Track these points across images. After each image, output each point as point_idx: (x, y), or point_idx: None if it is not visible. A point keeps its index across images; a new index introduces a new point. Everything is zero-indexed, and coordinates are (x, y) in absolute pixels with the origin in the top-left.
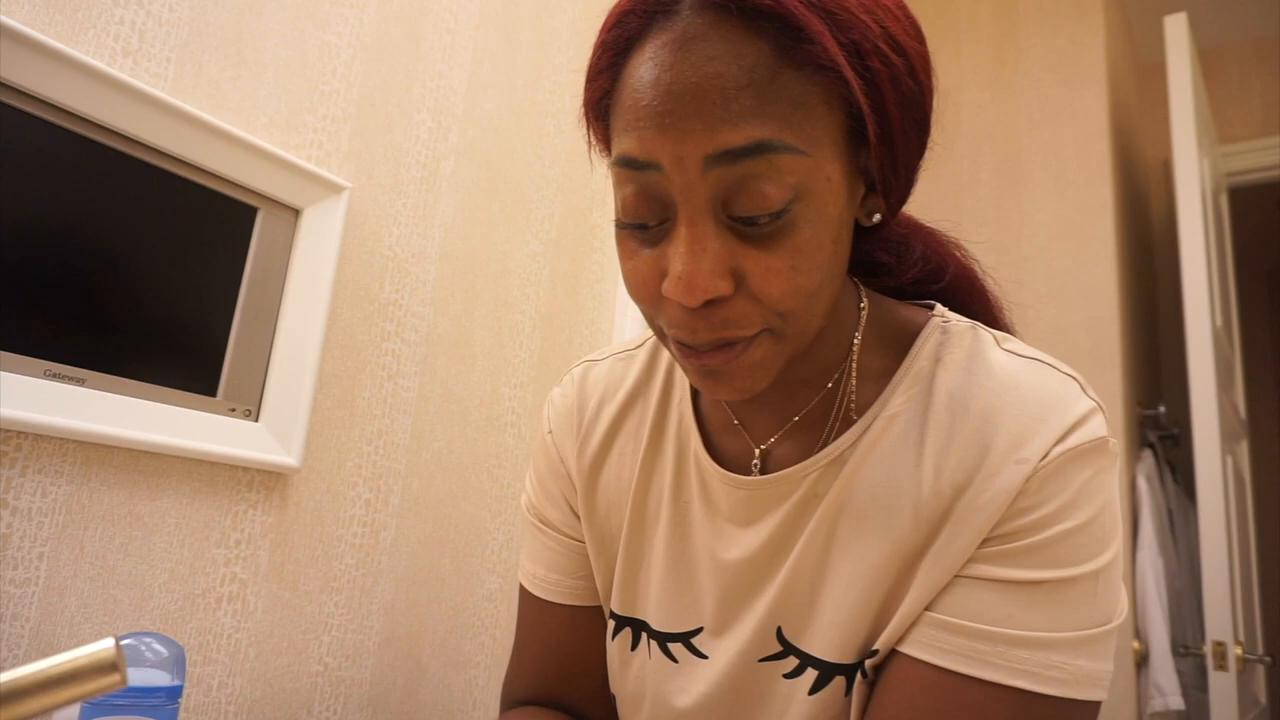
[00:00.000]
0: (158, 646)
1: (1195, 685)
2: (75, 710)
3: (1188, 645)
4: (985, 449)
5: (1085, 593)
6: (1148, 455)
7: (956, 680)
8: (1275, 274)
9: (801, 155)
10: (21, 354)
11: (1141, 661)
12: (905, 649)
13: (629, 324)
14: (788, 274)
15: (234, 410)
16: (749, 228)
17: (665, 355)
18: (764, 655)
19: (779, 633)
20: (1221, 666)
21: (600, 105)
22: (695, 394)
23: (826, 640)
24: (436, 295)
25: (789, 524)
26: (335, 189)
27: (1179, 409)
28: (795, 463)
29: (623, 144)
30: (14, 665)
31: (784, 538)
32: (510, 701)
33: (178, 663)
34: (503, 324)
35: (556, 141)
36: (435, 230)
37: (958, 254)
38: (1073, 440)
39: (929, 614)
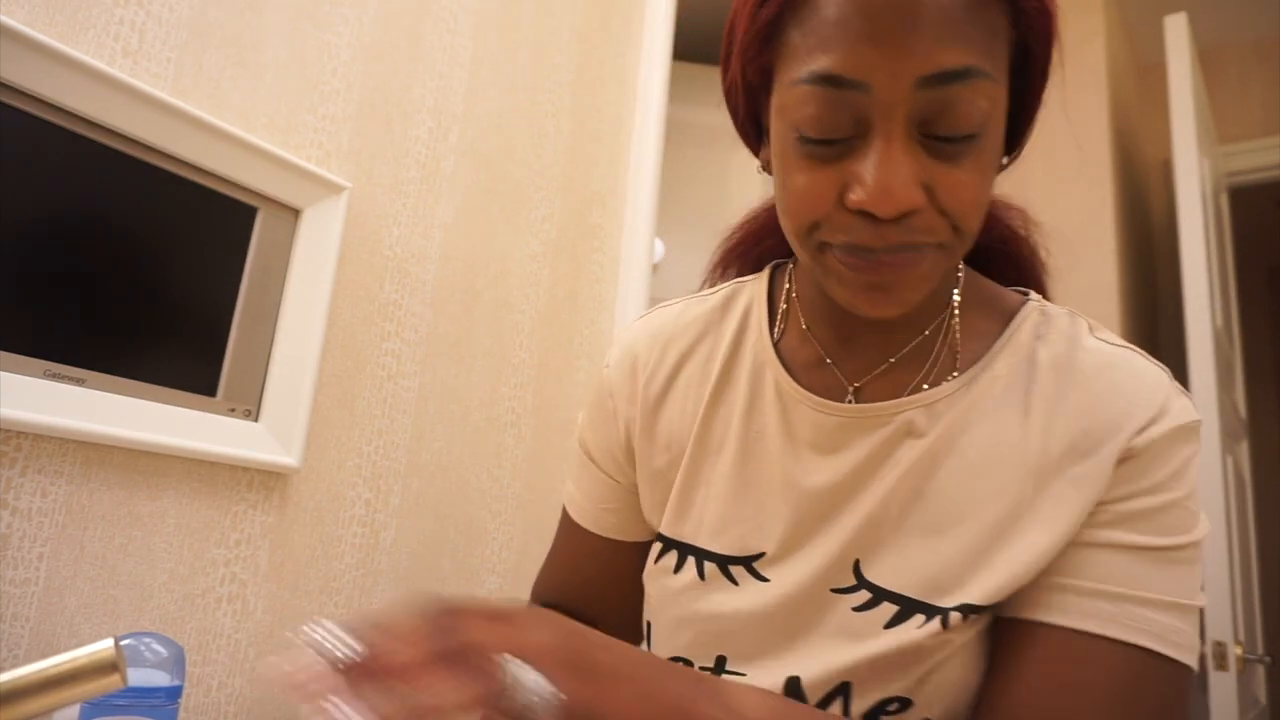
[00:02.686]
0: (158, 646)
1: (1195, 685)
2: (75, 710)
3: None
4: (1092, 417)
5: (1190, 562)
6: None
7: (1089, 641)
8: (1275, 274)
9: (996, 83)
10: (21, 354)
11: None
12: (1034, 615)
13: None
14: (973, 190)
15: (234, 410)
16: (944, 144)
17: (741, 299)
18: (836, 586)
19: (856, 566)
20: (1221, 666)
21: (774, 26)
22: (774, 330)
23: (911, 576)
24: (436, 295)
25: (879, 455)
26: (335, 189)
27: None
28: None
29: (819, 61)
30: (14, 665)
31: (872, 468)
32: (538, 601)
33: (177, 663)
34: (503, 324)
35: (556, 141)
36: (435, 230)
37: (1019, 220)
38: (1178, 418)
39: (1054, 579)
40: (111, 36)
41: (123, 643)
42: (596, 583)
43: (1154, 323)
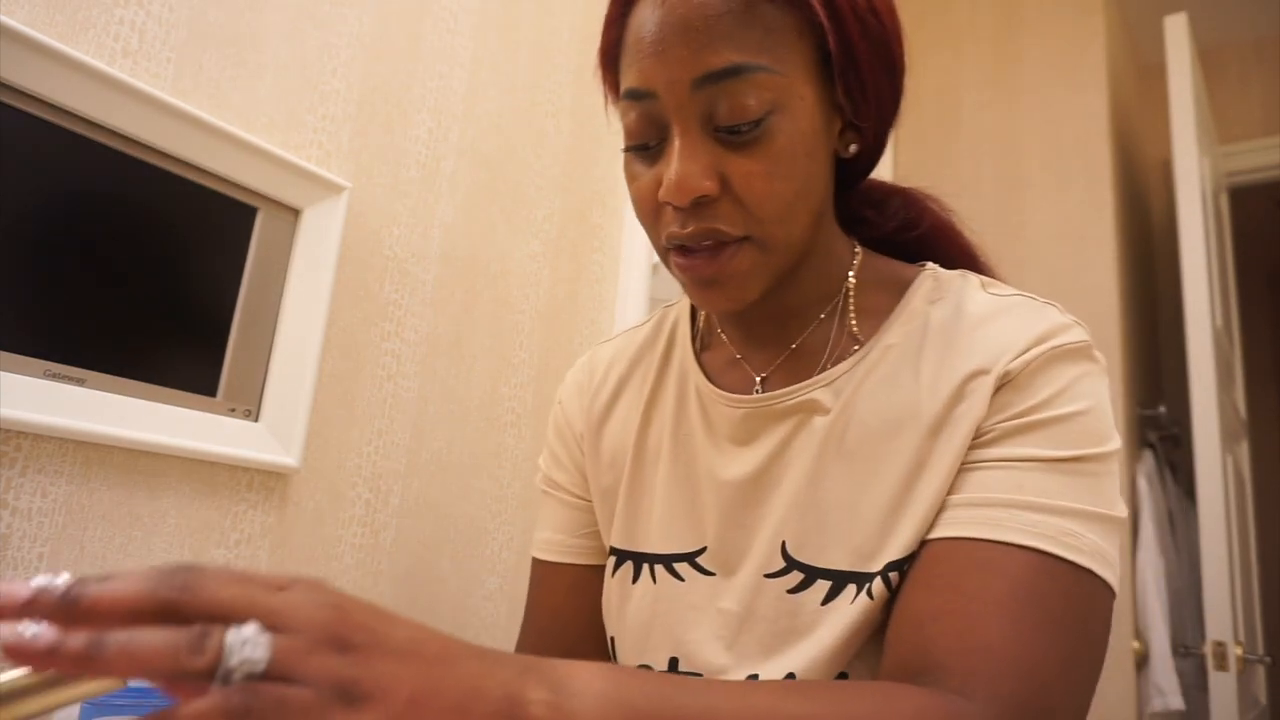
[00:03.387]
0: None
1: (1195, 685)
2: (75, 710)
3: (1188, 645)
4: (974, 356)
5: (1092, 475)
6: (1148, 456)
7: (981, 547)
8: (1275, 274)
9: (775, 74)
10: (21, 354)
11: (1141, 662)
12: (929, 534)
13: (629, 323)
14: (765, 178)
15: (234, 410)
16: (733, 135)
17: (670, 319)
18: (769, 571)
19: (783, 548)
20: (1221, 667)
21: (611, 54)
22: (697, 340)
23: (837, 550)
24: (436, 295)
25: (788, 439)
26: (335, 189)
27: (1179, 409)
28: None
29: (627, 79)
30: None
31: (784, 454)
32: None
33: None
34: (503, 324)
35: (556, 141)
36: (435, 230)
37: (933, 206)
38: (1055, 341)
39: (947, 500)
40: (111, 36)
41: None
42: (576, 621)
43: (1154, 323)
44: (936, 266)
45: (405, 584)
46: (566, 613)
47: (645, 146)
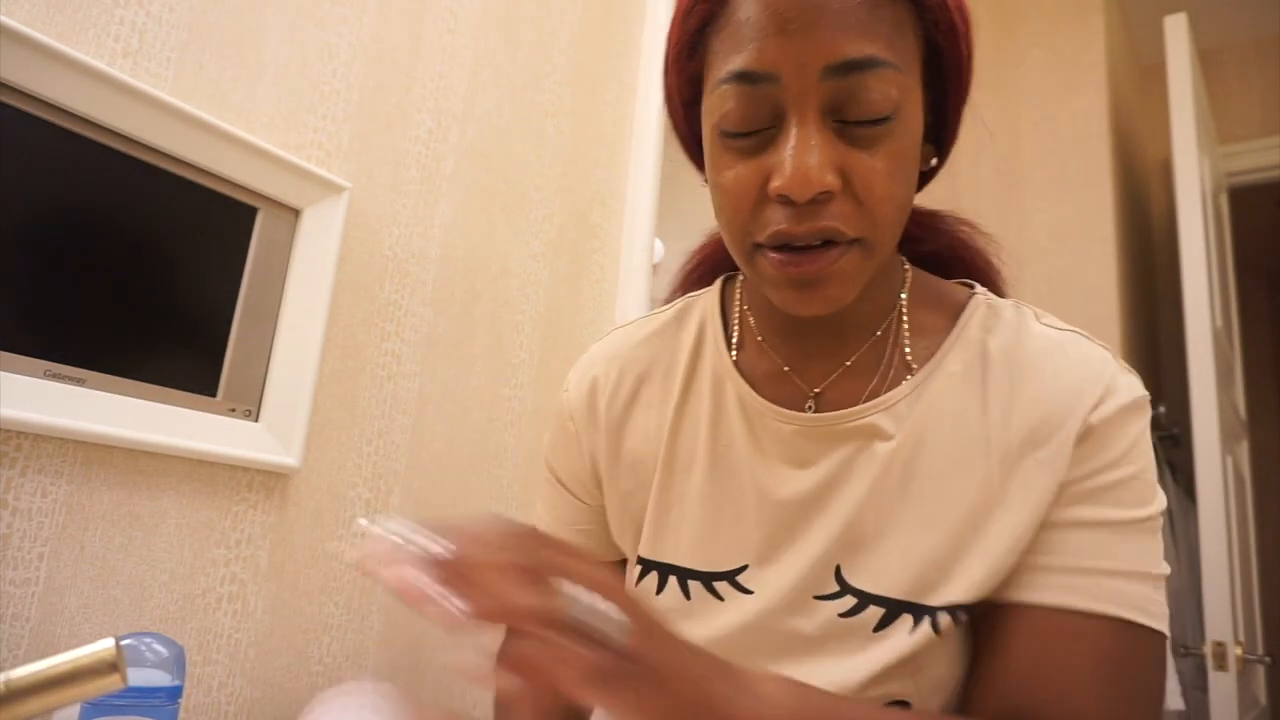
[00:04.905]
0: (158, 646)
1: (1195, 685)
2: (75, 710)
3: (1188, 645)
4: (1047, 403)
5: (1152, 533)
6: None
7: (1072, 618)
8: (1275, 274)
9: (900, 73)
10: (21, 354)
11: None
12: (1016, 597)
13: None
14: (886, 178)
15: (234, 410)
16: (857, 129)
17: (694, 314)
18: (820, 593)
19: (837, 572)
20: (1221, 667)
21: (698, 36)
22: (731, 345)
23: (893, 579)
24: (436, 295)
25: (848, 462)
26: (335, 189)
27: (1179, 409)
28: (848, 406)
29: (736, 61)
30: (14, 665)
31: (843, 475)
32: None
33: (178, 663)
34: (503, 324)
35: (556, 141)
36: (435, 230)
37: (966, 229)
38: (1127, 394)
39: (1031, 560)
40: (111, 37)
41: (123, 643)
42: None
43: (1154, 323)
44: (985, 291)
45: None
46: None
47: (745, 134)
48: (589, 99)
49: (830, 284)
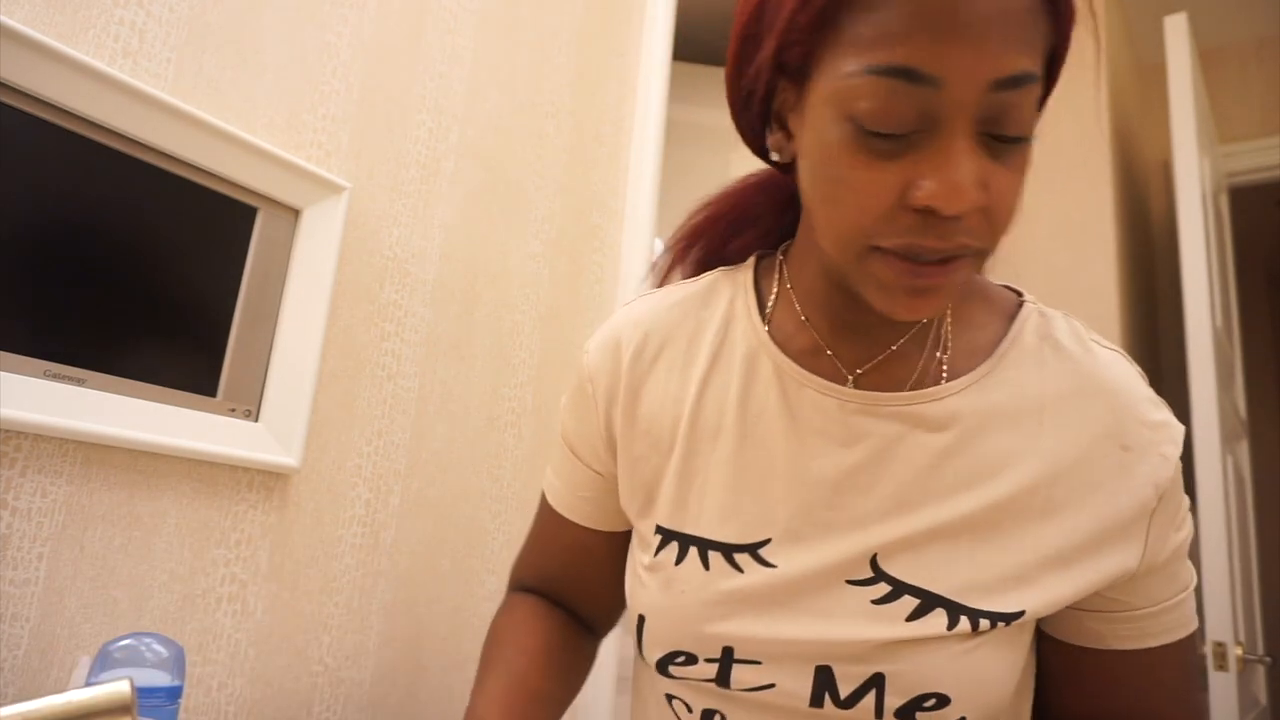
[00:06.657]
0: (158, 647)
1: None
2: None
3: None
4: (1111, 438)
5: (1189, 547)
6: None
7: (1158, 651)
8: (1275, 274)
9: (1040, 89)
10: (21, 354)
11: None
12: (1113, 646)
13: None
14: (1015, 195)
15: (234, 410)
16: (1001, 145)
17: (724, 288)
18: (852, 578)
19: (874, 559)
20: (1221, 666)
21: (828, 11)
22: (767, 319)
23: (931, 573)
24: (436, 295)
25: (890, 448)
26: (335, 189)
27: (1179, 409)
28: (887, 391)
29: (892, 52)
30: (14, 666)
31: (884, 460)
32: (517, 584)
33: (178, 663)
34: (503, 324)
35: (556, 141)
36: (435, 230)
37: None
38: (1177, 429)
39: (1129, 612)
40: (111, 37)
41: (123, 643)
42: (572, 568)
43: (1154, 323)
44: (1033, 298)
45: (405, 584)
46: (563, 558)
47: (888, 135)
48: (589, 99)
49: (941, 293)
